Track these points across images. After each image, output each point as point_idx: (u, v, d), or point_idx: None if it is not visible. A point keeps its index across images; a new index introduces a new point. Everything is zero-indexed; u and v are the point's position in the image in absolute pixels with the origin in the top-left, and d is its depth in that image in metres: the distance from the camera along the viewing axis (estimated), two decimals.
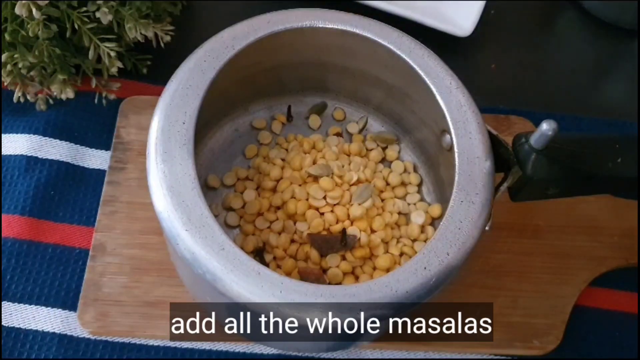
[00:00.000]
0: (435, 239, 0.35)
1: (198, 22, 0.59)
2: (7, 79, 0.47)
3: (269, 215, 0.44)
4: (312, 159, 0.45)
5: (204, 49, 0.39)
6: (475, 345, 0.45)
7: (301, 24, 0.41)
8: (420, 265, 0.34)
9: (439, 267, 0.34)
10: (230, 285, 0.32)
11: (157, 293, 0.44)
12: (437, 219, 0.44)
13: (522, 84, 0.59)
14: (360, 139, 0.48)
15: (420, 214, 0.44)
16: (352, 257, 0.42)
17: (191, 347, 0.44)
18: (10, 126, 0.50)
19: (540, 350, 0.45)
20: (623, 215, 0.50)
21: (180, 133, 0.36)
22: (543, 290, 0.47)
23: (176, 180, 0.34)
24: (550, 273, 0.48)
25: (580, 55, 0.62)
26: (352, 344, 0.43)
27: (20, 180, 0.48)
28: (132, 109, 0.51)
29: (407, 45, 0.41)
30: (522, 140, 0.36)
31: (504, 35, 0.62)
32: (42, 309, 0.44)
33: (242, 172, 0.46)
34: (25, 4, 0.42)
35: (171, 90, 0.37)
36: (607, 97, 0.60)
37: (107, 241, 0.46)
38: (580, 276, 0.48)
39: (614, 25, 0.62)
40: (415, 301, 0.33)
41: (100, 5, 0.45)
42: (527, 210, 0.48)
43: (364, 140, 0.48)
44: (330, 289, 0.33)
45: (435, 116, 0.40)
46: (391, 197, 0.45)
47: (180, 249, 0.33)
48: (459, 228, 0.35)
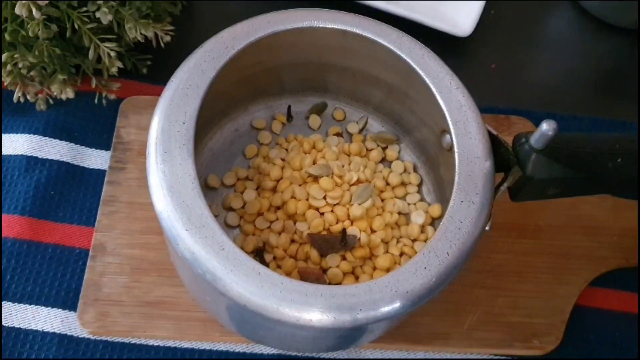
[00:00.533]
0: (435, 239, 0.35)
1: (198, 22, 0.59)
2: (7, 79, 0.47)
3: (269, 215, 0.44)
4: (312, 159, 0.46)
5: (204, 49, 0.39)
6: (475, 345, 0.45)
7: (301, 24, 0.41)
8: (420, 265, 0.34)
9: (439, 267, 0.34)
10: (230, 285, 0.32)
11: (157, 293, 0.44)
12: (437, 219, 0.44)
13: (522, 84, 0.59)
14: (360, 139, 0.48)
15: (420, 214, 0.44)
16: (352, 257, 0.42)
17: (191, 347, 0.44)
18: (11, 126, 0.50)
19: (540, 350, 0.45)
20: (623, 215, 0.50)
21: (180, 133, 0.36)
22: (543, 290, 0.47)
23: (176, 180, 0.34)
24: (550, 273, 0.48)
25: (580, 55, 0.62)
26: (352, 344, 0.43)
27: (20, 180, 0.48)
28: (132, 109, 0.51)
29: (407, 45, 0.41)
30: (522, 140, 0.36)
31: (504, 35, 0.62)
32: (42, 309, 0.44)
33: (242, 172, 0.46)
34: (25, 4, 0.42)
35: (171, 90, 0.37)
36: (607, 97, 0.60)
37: (107, 241, 0.46)
38: (580, 276, 0.48)
39: (614, 25, 0.62)
40: (415, 301, 0.33)
41: (100, 5, 0.45)
42: (528, 210, 0.48)
43: (364, 140, 0.48)
44: (330, 289, 0.33)
45: (435, 116, 0.40)
46: (391, 197, 0.45)
47: (180, 249, 0.33)
48: (459, 228, 0.35)
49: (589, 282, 0.48)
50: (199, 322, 0.44)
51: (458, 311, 0.46)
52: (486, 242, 0.43)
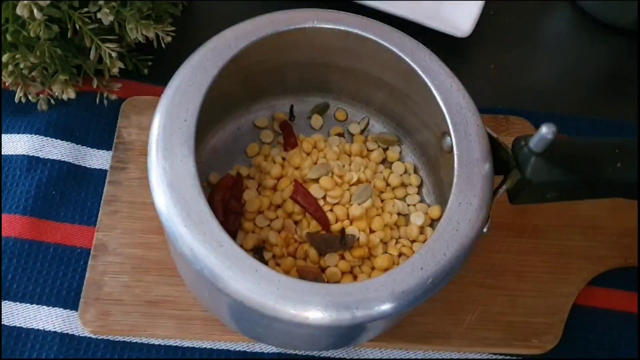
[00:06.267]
0: (433, 240, 0.35)
1: (199, 22, 0.59)
2: (9, 80, 0.47)
3: (269, 214, 0.44)
4: (313, 159, 0.46)
5: (206, 48, 0.39)
6: (474, 344, 0.45)
7: (304, 24, 0.41)
8: (417, 265, 0.34)
9: (436, 268, 0.34)
10: (228, 282, 0.32)
11: (158, 292, 0.45)
12: (436, 220, 0.44)
13: (521, 85, 0.59)
14: (361, 140, 0.48)
15: (420, 215, 0.45)
16: (351, 257, 0.42)
17: (192, 345, 0.44)
18: (12, 126, 0.50)
19: (539, 349, 0.45)
20: (622, 215, 0.50)
21: (181, 130, 0.36)
22: (542, 289, 0.47)
23: (177, 177, 0.34)
24: (549, 272, 0.48)
25: (579, 55, 0.62)
26: (350, 342, 0.43)
27: (21, 180, 0.48)
28: (133, 109, 0.51)
29: (409, 47, 0.41)
30: (521, 143, 0.36)
31: (503, 36, 0.62)
32: (44, 308, 0.44)
33: (243, 170, 0.46)
34: (26, 5, 0.42)
35: (173, 88, 0.37)
36: (606, 98, 0.60)
37: (108, 241, 0.46)
38: (579, 275, 0.48)
39: (613, 25, 0.63)
40: (412, 301, 0.33)
41: (101, 5, 0.45)
42: (526, 210, 0.48)
43: (365, 140, 0.48)
44: (327, 287, 0.33)
45: (436, 118, 0.40)
46: (391, 197, 0.45)
47: (179, 245, 0.33)
48: (457, 229, 0.35)
49: (588, 281, 0.48)
50: (199, 321, 0.44)
51: (457, 310, 0.46)
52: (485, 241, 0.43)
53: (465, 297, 0.46)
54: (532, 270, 0.48)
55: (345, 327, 0.33)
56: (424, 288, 0.33)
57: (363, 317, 0.32)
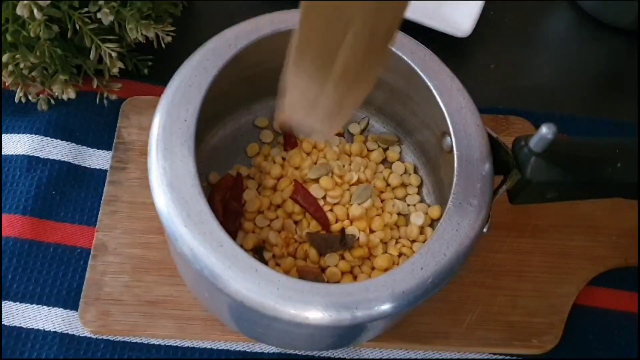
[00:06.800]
0: (433, 240, 0.35)
1: (199, 22, 0.59)
2: (9, 80, 0.47)
3: (269, 214, 0.44)
4: (313, 159, 0.46)
5: (207, 47, 0.39)
6: (474, 344, 0.45)
7: None
8: (417, 265, 0.34)
9: (436, 268, 0.34)
10: (228, 282, 0.32)
11: (158, 292, 0.45)
12: (436, 220, 0.44)
13: (521, 84, 0.59)
14: (361, 140, 0.48)
15: (420, 215, 0.45)
16: (351, 257, 0.42)
17: (192, 345, 0.44)
18: (12, 126, 0.51)
19: (539, 349, 0.45)
20: (622, 215, 0.50)
21: (181, 130, 0.36)
22: (542, 289, 0.47)
23: (176, 177, 0.34)
24: (549, 272, 0.48)
25: (579, 55, 0.62)
26: (350, 342, 0.43)
27: (21, 180, 0.48)
28: (133, 109, 0.51)
29: (409, 46, 0.41)
30: (521, 143, 0.36)
31: (503, 36, 0.62)
32: (44, 308, 0.44)
33: (243, 170, 0.46)
34: (26, 5, 0.42)
35: (173, 88, 0.38)
36: (606, 98, 0.60)
37: (109, 241, 0.46)
38: (579, 275, 0.48)
39: (613, 25, 0.63)
40: (412, 301, 0.33)
41: (101, 6, 0.45)
42: (527, 210, 0.48)
43: (365, 141, 0.48)
44: (327, 287, 0.33)
45: (436, 118, 0.40)
46: (391, 197, 0.45)
47: (179, 245, 0.33)
48: (457, 230, 0.35)
49: (588, 281, 0.48)
50: (199, 321, 0.44)
51: (457, 310, 0.46)
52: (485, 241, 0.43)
53: (465, 297, 0.46)
54: (532, 270, 0.48)
55: (345, 327, 0.33)
56: (424, 288, 0.33)
57: (363, 317, 0.32)
